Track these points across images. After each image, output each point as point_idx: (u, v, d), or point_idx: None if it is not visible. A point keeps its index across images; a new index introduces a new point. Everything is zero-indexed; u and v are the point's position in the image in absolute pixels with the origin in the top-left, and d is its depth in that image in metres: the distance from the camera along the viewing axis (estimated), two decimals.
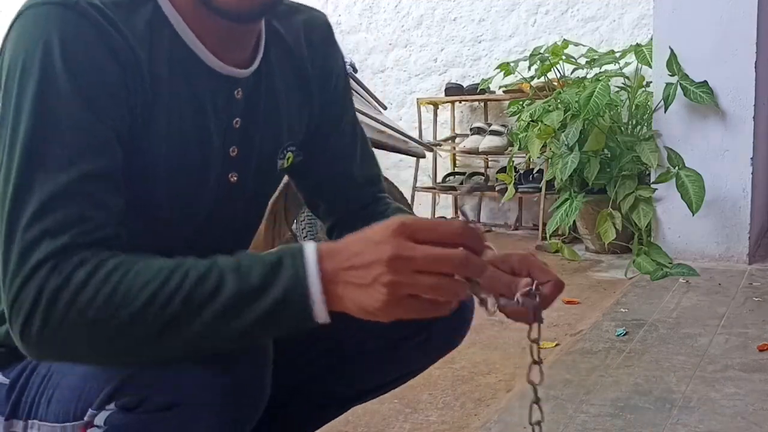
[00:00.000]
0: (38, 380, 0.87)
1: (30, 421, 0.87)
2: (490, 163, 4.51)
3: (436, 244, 0.71)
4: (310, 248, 0.73)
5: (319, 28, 1.09)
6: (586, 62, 3.81)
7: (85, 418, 0.81)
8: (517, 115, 3.93)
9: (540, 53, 3.82)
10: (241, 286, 0.72)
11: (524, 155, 3.92)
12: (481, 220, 4.61)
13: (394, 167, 4.57)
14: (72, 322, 0.71)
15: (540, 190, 4.00)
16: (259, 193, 1.07)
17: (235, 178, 0.99)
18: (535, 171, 4.07)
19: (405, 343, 1.12)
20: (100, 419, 0.79)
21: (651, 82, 3.46)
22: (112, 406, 0.78)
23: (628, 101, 3.65)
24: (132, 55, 0.83)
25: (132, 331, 0.72)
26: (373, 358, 1.15)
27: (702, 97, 3.18)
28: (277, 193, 1.26)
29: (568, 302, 2.86)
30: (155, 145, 0.88)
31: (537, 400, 0.86)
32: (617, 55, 3.74)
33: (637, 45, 3.63)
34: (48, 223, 0.74)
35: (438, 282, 0.71)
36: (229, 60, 0.94)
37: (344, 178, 1.15)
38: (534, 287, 0.85)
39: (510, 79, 4.06)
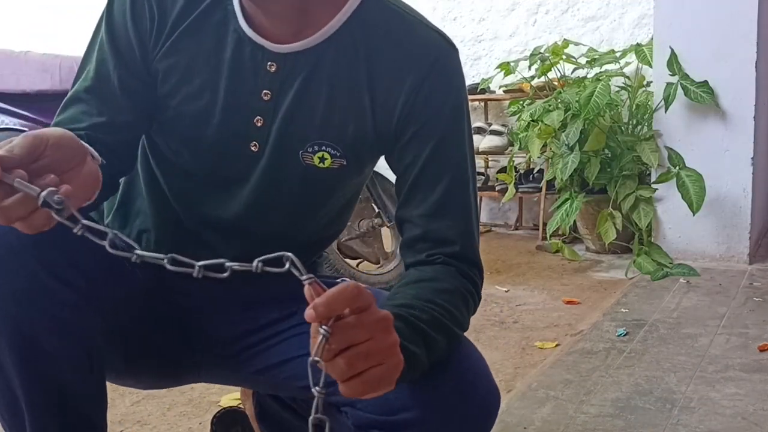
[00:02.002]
0: None
1: None
2: (490, 162, 4.50)
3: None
4: None
5: (419, 73, 0.99)
6: (587, 62, 3.80)
7: None
8: (518, 115, 3.92)
9: (540, 53, 3.81)
10: None
11: (524, 155, 3.91)
12: (481, 221, 4.61)
13: None
14: None
15: (540, 190, 4.00)
16: (283, 177, 1.03)
17: (256, 148, 1.01)
18: (535, 171, 4.06)
19: None
20: None
21: (651, 81, 3.46)
22: None
23: (628, 101, 3.65)
24: (154, 13, 1.00)
25: None
26: None
27: (702, 96, 3.18)
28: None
29: (569, 302, 2.86)
30: (174, 88, 1.02)
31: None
32: (617, 54, 3.73)
33: (638, 45, 3.63)
34: (62, 117, 1.01)
35: None
36: (270, 32, 0.98)
37: (406, 218, 1.03)
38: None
39: (510, 79, 4.06)
